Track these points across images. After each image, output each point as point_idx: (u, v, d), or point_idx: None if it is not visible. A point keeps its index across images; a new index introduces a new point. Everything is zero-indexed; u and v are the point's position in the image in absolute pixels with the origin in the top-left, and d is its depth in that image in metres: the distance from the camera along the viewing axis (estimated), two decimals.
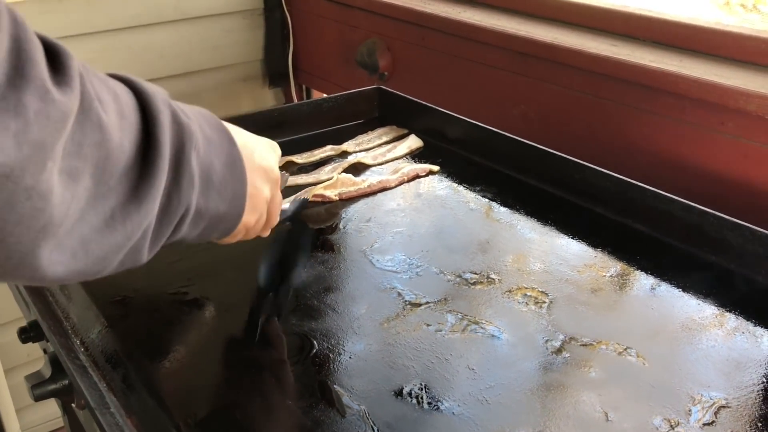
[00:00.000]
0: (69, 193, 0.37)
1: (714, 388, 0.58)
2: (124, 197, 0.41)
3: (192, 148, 0.47)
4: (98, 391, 0.58)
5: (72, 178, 0.37)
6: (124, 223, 0.42)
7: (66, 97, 0.35)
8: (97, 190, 0.39)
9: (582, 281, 0.73)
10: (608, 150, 1.02)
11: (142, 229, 0.44)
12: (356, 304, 0.69)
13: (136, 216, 0.42)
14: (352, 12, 1.42)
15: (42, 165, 0.34)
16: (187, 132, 0.46)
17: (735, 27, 0.95)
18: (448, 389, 0.58)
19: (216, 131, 0.52)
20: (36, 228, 0.35)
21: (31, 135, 0.33)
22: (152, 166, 0.42)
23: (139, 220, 0.43)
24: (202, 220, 0.51)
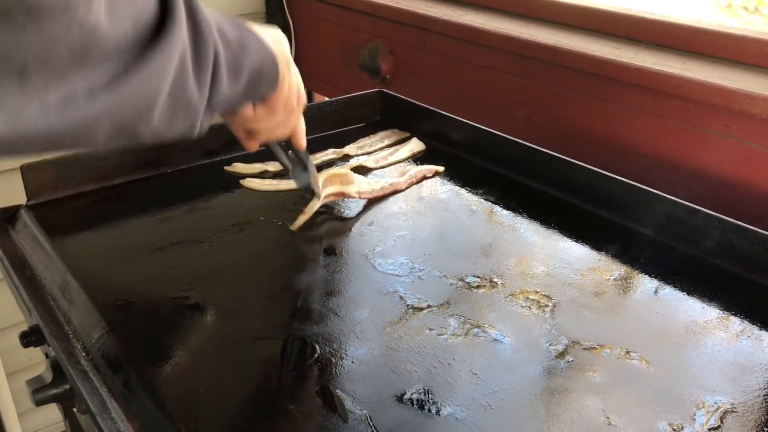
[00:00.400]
0: (115, 32, 0.41)
1: (719, 392, 0.58)
2: (151, 40, 0.45)
3: (199, 4, 0.51)
4: (99, 396, 0.57)
5: (118, 19, 0.41)
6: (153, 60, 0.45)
7: None
8: (133, 33, 0.43)
9: (585, 285, 0.72)
10: (611, 152, 1.01)
11: (174, 63, 0.47)
12: (358, 308, 0.68)
13: (167, 48, 0.45)
14: (353, 15, 1.42)
15: (90, 1, 0.38)
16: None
17: (738, 29, 0.94)
18: (451, 394, 0.58)
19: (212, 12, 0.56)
20: (79, 55, 0.39)
21: None
22: (173, 14, 0.46)
23: (170, 52, 0.46)
24: (240, 73, 0.55)
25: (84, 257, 0.78)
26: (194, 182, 0.94)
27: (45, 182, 0.87)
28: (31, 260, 0.76)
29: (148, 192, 0.92)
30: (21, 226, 0.82)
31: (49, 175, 0.87)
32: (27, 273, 0.75)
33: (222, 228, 0.83)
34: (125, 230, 0.84)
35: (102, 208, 0.88)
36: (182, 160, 0.97)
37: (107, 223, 0.85)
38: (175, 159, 0.96)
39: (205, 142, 0.98)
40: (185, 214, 0.87)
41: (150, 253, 0.79)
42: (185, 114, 0.50)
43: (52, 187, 0.88)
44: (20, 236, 0.81)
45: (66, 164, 0.88)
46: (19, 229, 0.82)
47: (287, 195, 0.90)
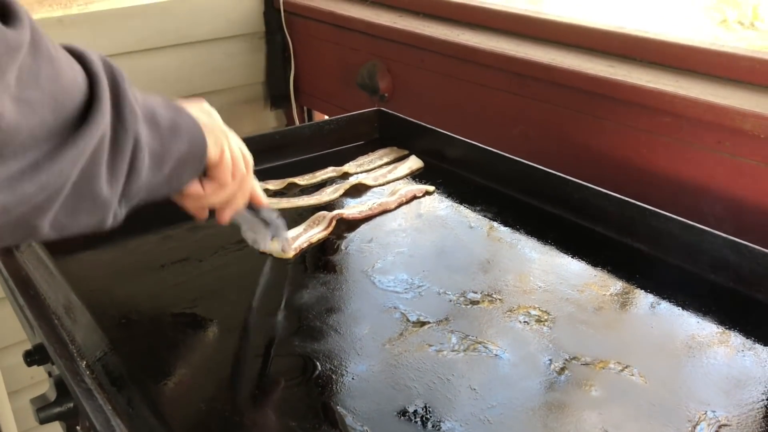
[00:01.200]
0: (27, 120, 0.39)
1: (714, 406, 0.59)
2: (70, 131, 0.43)
3: (126, 85, 0.49)
4: (104, 414, 0.58)
5: (28, 109, 0.39)
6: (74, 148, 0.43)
7: (15, 31, 0.38)
8: (53, 121, 0.41)
9: (583, 300, 0.73)
10: (607, 169, 1.02)
11: (87, 155, 0.44)
12: (358, 325, 0.69)
13: (81, 143, 0.43)
14: (352, 35, 1.44)
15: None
16: (119, 74, 0.49)
17: (730, 47, 0.96)
18: (450, 409, 0.58)
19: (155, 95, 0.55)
20: None
21: None
22: (97, 102, 0.44)
23: (84, 148, 0.43)
24: (165, 161, 0.53)
25: (87, 276, 0.79)
26: None
27: None
28: (35, 279, 0.77)
29: (150, 211, 0.92)
30: (25, 246, 0.83)
31: None
32: (31, 292, 0.75)
33: (223, 246, 0.84)
34: (128, 249, 0.85)
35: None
36: None
37: (110, 242, 0.86)
38: None
39: None
40: (187, 233, 0.88)
41: (152, 272, 0.80)
42: (92, 208, 0.47)
43: None
44: (24, 256, 0.82)
45: None
46: (23, 249, 0.83)
47: (287, 213, 0.91)
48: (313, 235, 0.87)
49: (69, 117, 0.42)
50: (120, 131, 0.47)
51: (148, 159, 0.50)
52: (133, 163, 0.49)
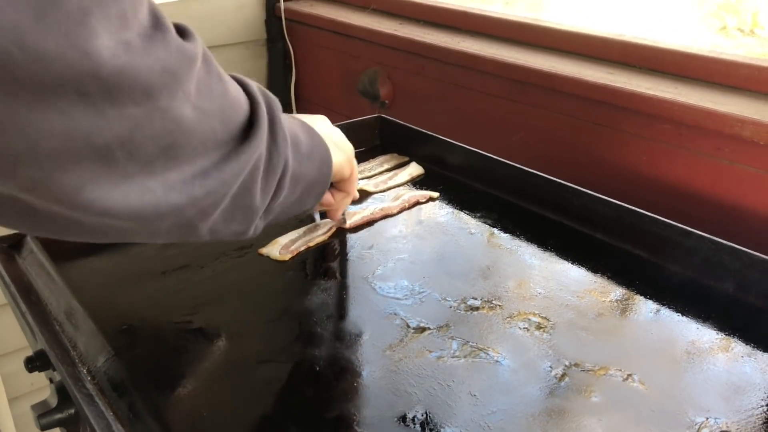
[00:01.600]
0: (201, 127, 0.43)
1: (714, 412, 0.59)
2: (234, 144, 0.47)
3: (280, 112, 0.54)
4: (105, 420, 0.58)
5: (204, 117, 0.43)
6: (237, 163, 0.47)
7: (192, 45, 0.42)
8: (222, 133, 0.45)
9: (583, 306, 0.74)
10: (606, 176, 1.03)
11: (247, 170, 0.49)
12: (359, 331, 0.70)
13: (244, 158, 0.48)
14: (353, 42, 1.44)
15: (173, 91, 0.39)
16: (274, 100, 0.54)
17: (729, 54, 0.96)
18: (450, 415, 0.59)
19: (292, 117, 0.61)
20: (162, 145, 0.40)
21: (170, 64, 0.39)
22: (257, 123, 0.49)
23: (248, 158, 0.48)
24: (299, 183, 0.58)
25: (89, 282, 0.79)
26: None
27: None
28: (37, 286, 0.78)
29: None
30: (27, 252, 0.84)
31: None
32: (33, 298, 0.76)
33: (224, 252, 0.84)
34: (129, 255, 0.86)
35: None
36: None
37: (112, 249, 0.86)
38: None
39: None
40: None
41: (154, 278, 0.80)
42: (242, 218, 0.52)
43: None
44: (26, 262, 0.82)
45: None
46: (25, 255, 0.83)
47: (289, 220, 0.92)
48: (312, 239, 0.87)
49: (233, 132, 0.47)
50: (274, 152, 0.52)
51: (289, 180, 0.55)
52: (280, 183, 0.54)
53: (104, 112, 0.35)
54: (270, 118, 0.51)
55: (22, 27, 0.30)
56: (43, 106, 0.32)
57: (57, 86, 0.32)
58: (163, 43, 0.38)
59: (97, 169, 0.37)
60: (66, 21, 0.31)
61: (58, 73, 0.32)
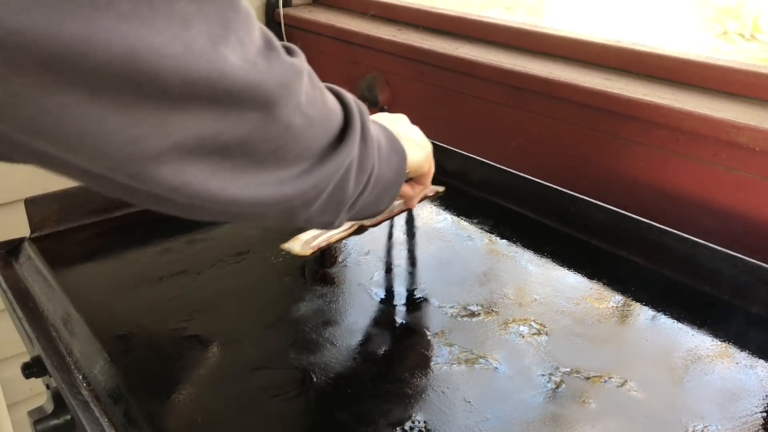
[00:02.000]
0: (307, 133, 0.49)
1: (709, 419, 0.59)
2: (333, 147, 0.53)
3: (369, 122, 0.60)
4: (100, 427, 0.58)
5: (309, 124, 0.49)
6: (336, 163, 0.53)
7: (299, 61, 0.48)
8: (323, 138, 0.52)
9: (579, 313, 0.74)
10: (603, 182, 1.03)
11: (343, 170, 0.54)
12: (355, 338, 0.70)
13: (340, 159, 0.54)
14: (352, 48, 1.45)
15: (287, 102, 0.45)
16: (364, 109, 0.59)
17: (726, 60, 0.96)
18: (445, 422, 0.59)
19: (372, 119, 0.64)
20: (273, 147, 0.46)
21: (284, 77, 0.45)
22: (351, 129, 0.55)
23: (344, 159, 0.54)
24: (378, 184, 0.63)
25: (86, 288, 0.79)
26: None
27: (48, 215, 0.89)
28: (34, 292, 0.78)
29: (149, 224, 0.93)
30: (24, 258, 0.84)
31: (53, 208, 0.89)
32: (30, 304, 0.76)
33: (221, 258, 0.84)
34: (126, 262, 0.86)
35: (104, 240, 0.90)
36: None
37: (109, 255, 0.87)
38: None
39: None
40: (185, 245, 0.89)
41: (150, 284, 0.80)
42: (334, 211, 0.57)
43: (55, 220, 0.90)
44: (23, 268, 0.82)
45: (69, 197, 0.90)
46: (23, 261, 0.83)
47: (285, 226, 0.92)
48: (333, 236, 0.89)
49: (332, 136, 0.53)
50: (364, 155, 0.58)
51: (373, 181, 0.61)
52: (366, 183, 0.60)
53: (230, 118, 0.42)
54: (362, 124, 0.57)
55: (178, 56, 0.37)
56: (184, 111, 0.39)
57: (197, 96, 0.39)
58: (277, 60, 0.44)
59: (219, 162, 0.43)
60: (204, 49, 0.38)
61: (202, 88, 0.39)
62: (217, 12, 0.39)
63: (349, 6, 1.56)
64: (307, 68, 0.50)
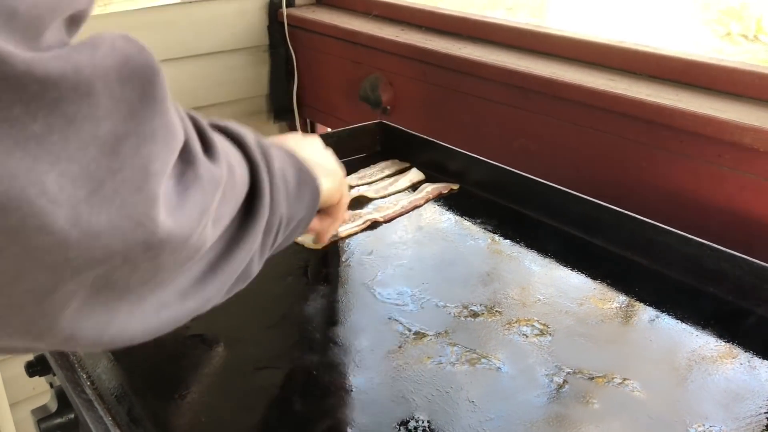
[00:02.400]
0: (216, 231, 0.43)
1: (713, 419, 0.59)
2: (239, 224, 0.47)
3: (277, 166, 0.53)
4: (104, 425, 0.59)
5: (220, 223, 0.43)
6: (245, 243, 0.47)
7: (219, 168, 0.42)
8: (229, 221, 0.46)
9: (582, 313, 0.74)
10: (607, 182, 1.03)
11: (254, 249, 0.49)
12: (358, 337, 0.70)
13: (250, 240, 0.48)
14: (355, 48, 1.45)
15: (204, 225, 0.40)
16: (269, 156, 0.52)
17: (729, 61, 0.96)
18: (448, 422, 0.59)
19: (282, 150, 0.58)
20: (176, 264, 0.39)
21: (205, 204, 0.39)
22: (259, 195, 0.49)
23: (252, 243, 0.48)
24: (289, 225, 0.57)
25: None
26: None
27: None
28: None
29: None
30: None
31: None
32: None
33: None
34: None
35: None
36: None
37: None
38: None
39: None
40: None
41: None
42: (243, 282, 0.51)
43: None
44: None
45: None
46: None
47: None
48: (346, 230, 0.90)
49: (238, 213, 0.47)
50: (272, 217, 0.51)
51: (283, 228, 0.55)
52: (276, 237, 0.54)
53: (139, 267, 0.35)
54: (269, 177, 0.50)
55: (78, 205, 0.29)
56: (85, 277, 0.33)
57: (107, 258, 0.32)
58: (198, 180, 0.38)
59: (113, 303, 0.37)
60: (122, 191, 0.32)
61: (110, 246, 0.32)
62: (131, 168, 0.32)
63: (352, 6, 1.57)
64: (225, 173, 0.43)
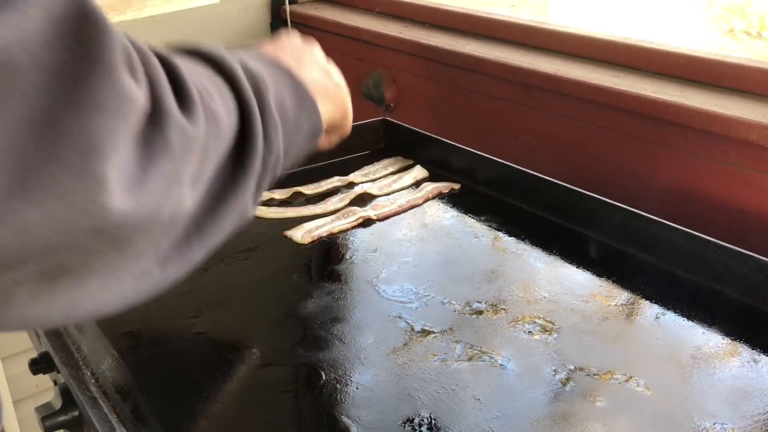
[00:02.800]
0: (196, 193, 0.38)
1: (720, 417, 0.58)
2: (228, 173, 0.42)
3: (271, 98, 0.47)
4: (109, 423, 0.59)
5: (198, 180, 0.38)
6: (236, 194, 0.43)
7: (196, 125, 0.36)
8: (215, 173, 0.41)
9: (588, 310, 0.73)
10: (612, 179, 1.02)
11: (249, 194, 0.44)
12: (363, 335, 0.70)
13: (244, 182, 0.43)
14: (357, 45, 1.44)
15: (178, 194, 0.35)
16: (264, 87, 0.47)
17: (735, 58, 0.96)
18: (454, 420, 0.58)
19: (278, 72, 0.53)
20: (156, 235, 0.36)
21: (176, 171, 0.35)
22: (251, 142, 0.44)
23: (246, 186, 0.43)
24: (289, 155, 0.51)
25: None
26: None
27: None
28: None
29: None
30: None
31: None
32: None
33: (229, 255, 0.84)
34: None
35: None
36: None
37: None
38: None
39: None
40: None
41: None
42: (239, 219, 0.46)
43: None
44: None
45: None
46: None
47: (293, 222, 0.92)
48: (335, 227, 0.90)
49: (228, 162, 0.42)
50: (267, 159, 0.46)
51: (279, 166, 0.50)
52: (273, 174, 0.49)
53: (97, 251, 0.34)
54: (264, 117, 0.45)
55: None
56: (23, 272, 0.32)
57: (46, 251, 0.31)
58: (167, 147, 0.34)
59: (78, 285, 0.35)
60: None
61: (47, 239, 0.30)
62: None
63: (355, 3, 1.56)
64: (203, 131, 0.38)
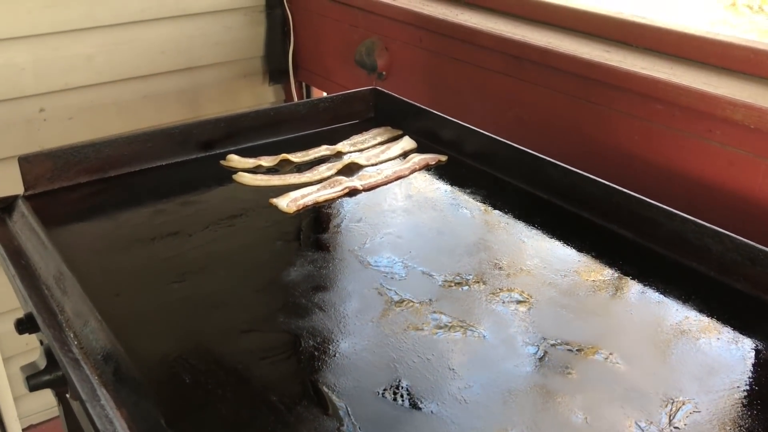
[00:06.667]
0: None
1: (687, 392, 0.60)
2: None
3: None
4: (90, 384, 0.59)
5: None
6: None
7: None
8: None
9: (566, 285, 0.74)
10: (599, 154, 1.03)
11: None
12: (344, 303, 0.71)
13: None
14: (351, 11, 1.43)
15: None
16: None
17: (725, 36, 0.96)
18: (428, 389, 0.60)
19: None
20: None
21: None
22: None
23: None
24: None
25: (79, 247, 0.80)
26: (189, 175, 0.96)
27: (42, 173, 0.89)
28: (27, 250, 0.78)
29: (142, 184, 0.94)
30: (18, 216, 0.84)
31: (47, 166, 0.89)
32: (23, 262, 0.77)
33: (214, 221, 0.85)
34: (119, 222, 0.86)
35: (97, 200, 0.90)
36: (177, 154, 0.99)
37: (102, 215, 0.87)
38: (171, 152, 0.98)
39: (201, 136, 1.00)
40: (179, 207, 0.89)
41: (143, 245, 0.81)
42: None
43: (49, 178, 0.90)
44: (17, 226, 0.83)
45: (63, 156, 0.90)
46: (16, 219, 0.84)
47: (279, 191, 0.92)
48: (321, 196, 0.91)
49: None
50: None
51: None
52: None
53: None
54: None
55: None
56: None
57: None
58: None
59: None
60: None
61: None
62: None
63: None
64: None
